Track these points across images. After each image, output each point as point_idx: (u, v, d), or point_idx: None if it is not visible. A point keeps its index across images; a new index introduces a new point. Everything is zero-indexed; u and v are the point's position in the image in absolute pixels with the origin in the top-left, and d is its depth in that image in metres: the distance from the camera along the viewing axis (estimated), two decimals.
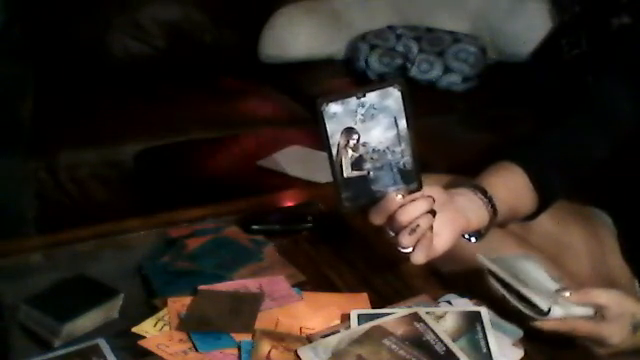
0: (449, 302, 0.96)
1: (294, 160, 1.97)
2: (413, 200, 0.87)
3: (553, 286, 0.91)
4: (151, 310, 0.96)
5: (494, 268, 0.92)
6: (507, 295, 0.89)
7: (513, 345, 0.90)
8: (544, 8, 2.70)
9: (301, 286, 1.02)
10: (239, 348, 0.87)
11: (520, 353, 0.89)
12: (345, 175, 0.86)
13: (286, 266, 1.08)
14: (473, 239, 0.99)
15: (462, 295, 0.97)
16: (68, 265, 1.08)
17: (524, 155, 1.07)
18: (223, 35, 2.87)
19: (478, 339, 0.87)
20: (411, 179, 0.87)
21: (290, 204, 1.31)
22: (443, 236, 0.91)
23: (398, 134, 0.85)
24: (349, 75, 2.70)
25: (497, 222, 1.00)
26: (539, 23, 2.68)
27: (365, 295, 1.00)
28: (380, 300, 0.98)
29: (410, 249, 0.89)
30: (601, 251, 1.17)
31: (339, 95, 0.84)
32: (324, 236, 1.18)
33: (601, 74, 1.16)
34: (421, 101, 2.42)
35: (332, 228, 1.18)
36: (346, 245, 1.15)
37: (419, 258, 0.89)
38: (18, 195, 2.01)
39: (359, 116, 0.84)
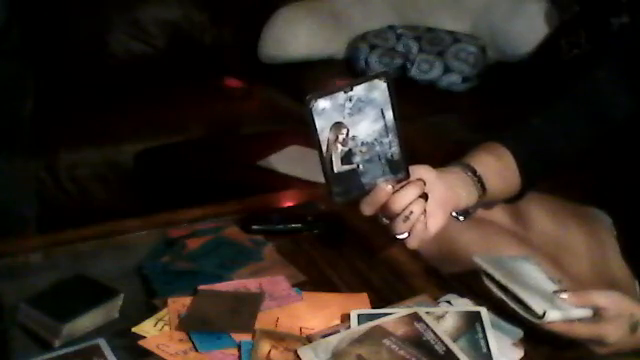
0: (449, 302, 0.96)
1: (294, 160, 1.97)
2: (403, 187, 0.87)
3: (551, 287, 0.91)
4: (151, 310, 0.96)
5: (490, 270, 0.92)
6: (504, 297, 0.89)
7: (513, 345, 0.89)
8: (544, 8, 2.70)
9: (301, 286, 1.02)
10: (239, 348, 0.87)
11: (520, 353, 0.89)
12: (335, 170, 0.86)
13: (286, 266, 1.08)
14: (461, 218, 0.99)
15: (462, 295, 0.97)
16: (68, 265, 1.08)
17: (512, 138, 1.08)
18: (223, 35, 2.87)
19: (478, 339, 0.87)
20: (399, 169, 0.87)
21: (290, 204, 1.31)
22: (436, 217, 0.91)
23: (385, 125, 0.85)
24: (349, 75, 2.70)
25: (484, 202, 1.00)
26: (539, 23, 2.68)
27: (365, 295, 1.00)
28: (380, 300, 0.98)
29: (405, 235, 0.89)
30: (601, 251, 1.17)
31: (327, 90, 0.84)
32: (324, 236, 1.18)
33: (596, 66, 1.16)
34: (421, 101, 2.46)
35: (332, 228, 1.18)
36: (346, 245, 1.15)
37: (414, 243, 0.89)
38: (18, 195, 2.01)
39: (347, 110, 0.84)
